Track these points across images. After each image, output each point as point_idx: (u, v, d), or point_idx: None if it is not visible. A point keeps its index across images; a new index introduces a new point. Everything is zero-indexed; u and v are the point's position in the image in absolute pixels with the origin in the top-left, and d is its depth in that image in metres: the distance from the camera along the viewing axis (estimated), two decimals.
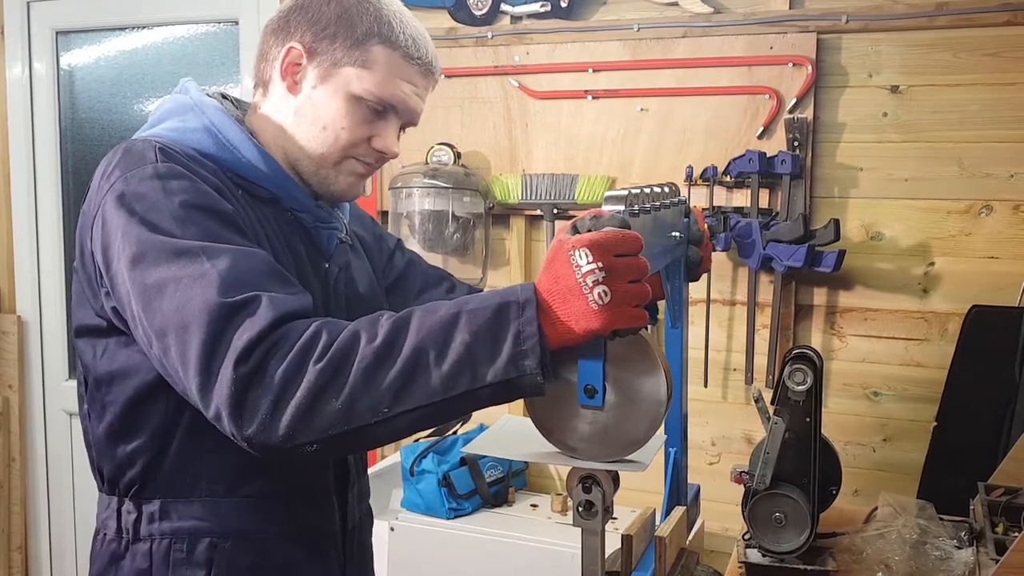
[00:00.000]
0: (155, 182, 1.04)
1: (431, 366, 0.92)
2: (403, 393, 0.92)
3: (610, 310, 0.90)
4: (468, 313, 0.93)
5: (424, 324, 0.94)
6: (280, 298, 0.97)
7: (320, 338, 0.94)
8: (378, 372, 0.92)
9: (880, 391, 2.36)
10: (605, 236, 0.92)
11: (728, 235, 2.34)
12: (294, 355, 0.92)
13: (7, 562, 3.30)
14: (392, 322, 0.95)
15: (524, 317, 0.92)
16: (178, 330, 0.96)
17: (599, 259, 0.91)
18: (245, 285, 0.97)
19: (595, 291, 0.90)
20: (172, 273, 0.98)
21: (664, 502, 1.52)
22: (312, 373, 0.92)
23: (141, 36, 3.11)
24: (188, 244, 0.99)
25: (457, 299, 0.97)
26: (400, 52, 1.18)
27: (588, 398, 0.96)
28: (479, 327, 0.92)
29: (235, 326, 0.94)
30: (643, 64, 2.45)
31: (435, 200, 2.54)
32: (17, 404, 3.29)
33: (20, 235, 3.25)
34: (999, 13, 2.16)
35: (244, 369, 0.92)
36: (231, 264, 0.98)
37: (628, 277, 0.92)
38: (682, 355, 1.45)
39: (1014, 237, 2.22)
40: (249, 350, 0.92)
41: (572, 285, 0.91)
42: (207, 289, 0.96)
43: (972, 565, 1.48)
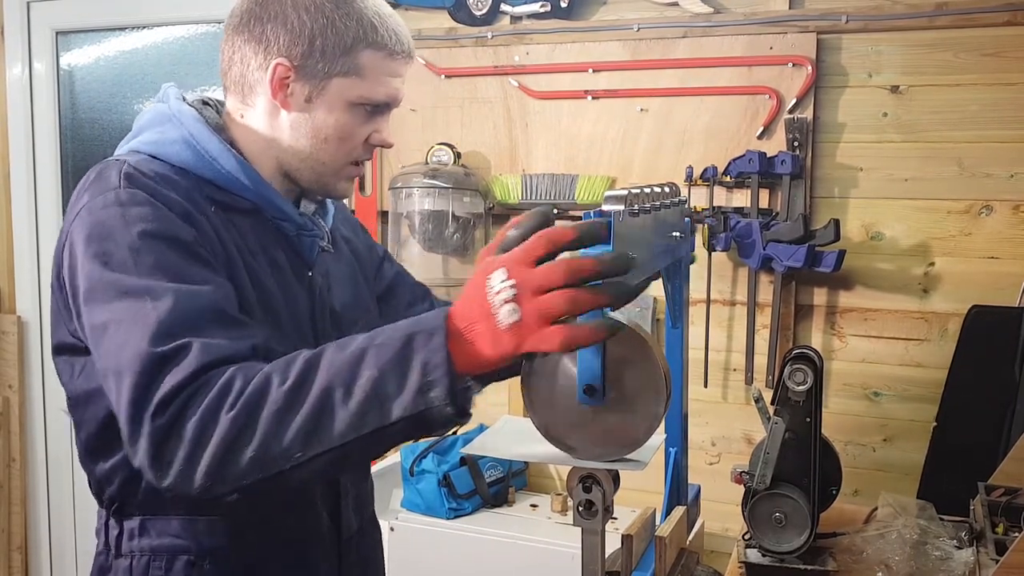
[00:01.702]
0: (115, 209, 1.03)
1: (338, 406, 0.89)
2: (313, 436, 0.90)
3: (518, 331, 0.85)
4: (376, 347, 0.90)
5: (334, 361, 0.91)
6: (212, 344, 0.95)
7: (234, 385, 0.92)
8: (288, 416, 0.90)
9: (880, 391, 2.36)
10: (525, 248, 0.86)
11: (728, 235, 2.34)
12: (208, 405, 0.91)
13: (7, 562, 3.30)
14: (305, 360, 0.92)
15: (431, 346, 0.88)
16: (115, 375, 0.97)
17: (514, 275, 0.85)
18: (181, 331, 0.96)
19: (501, 311, 0.85)
20: (115, 314, 0.98)
21: (664, 502, 1.51)
22: (225, 422, 0.90)
23: (141, 36, 3.11)
24: (134, 284, 0.99)
25: (371, 331, 0.94)
26: (385, 52, 1.18)
27: (588, 397, 0.96)
28: (386, 361, 0.89)
29: (162, 377, 0.93)
30: (643, 64, 2.45)
31: (435, 200, 2.54)
32: (17, 404, 3.28)
33: (20, 235, 3.25)
34: (999, 13, 2.16)
35: (161, 421, 0.92)
36: (172, 307, 0.97)
37: (544, 286, 0.84)
38: (682, 355, 1.45)
39: (1014, 237, 2.22)
40: (166, 402, 0.92)
41: (483, 306, 0.87)
42: (141, 336, 0.95)
43: (972, 565, 1.48)
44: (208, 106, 1.26)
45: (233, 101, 1.23)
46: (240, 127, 1.22)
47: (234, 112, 1.23)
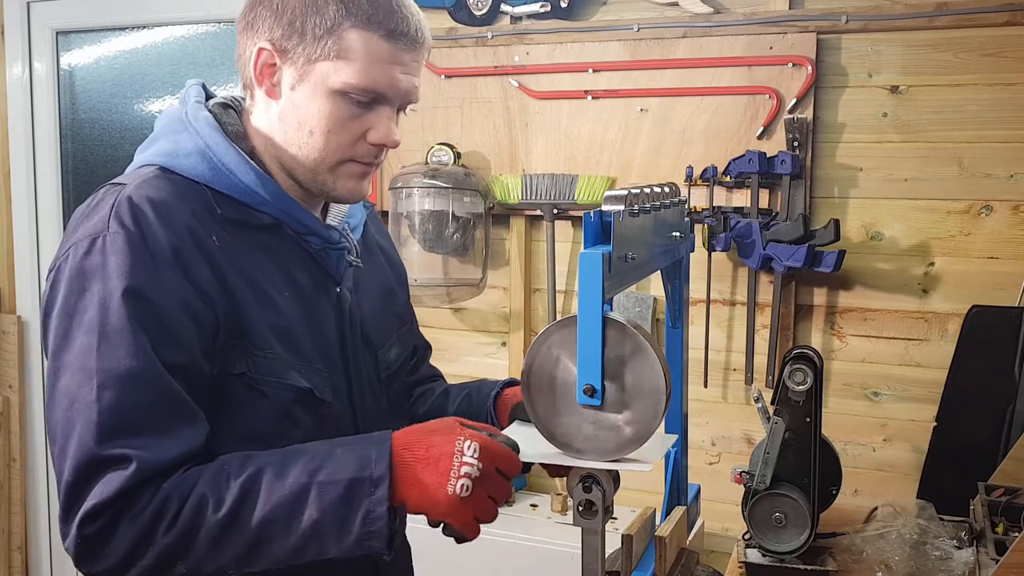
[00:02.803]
0: (97, 258, 0.99)
1: (276, 538, 0.95)
2: (249, 560, 0.96)
3: (460, 505, 0.95)
4: (318, 486, 0.94)
5: (272, 494, 0.95)
6: (150, 459, 0.95)
7: (170, 507, 0.94)
8: (225, 542, 0.94)
9: (880, 391, 2.36)
10: (499, 449, 0.97)
11: (728, 235, 2.34)
12: (142, 526, 0.93)
13: (7, 562, 3.30)
14: (240, 487, 0.95)
15: (375, 496, 0.94)
16: (59, 452, 0.97)
17: (483, 461, 0.95)
18: (123, 431, 0.95)
19: (460, 482, 0.94)
20: (70, 388, 0.97)
21: (664, 502, 1.51)
22: (160, 546, 0.93)
23: (141, 36, 3.11)
24: (90, 362, 0.96)
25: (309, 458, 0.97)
26: (378, 32, 1.05)
27: (587, 397, 0.96)
28: (328, 504, 0.94)
29: (95, 480, 0.94)
30: (643, 64, 2.45)
31: (435, 200, 2.54)
32: (17, 404, 3.29)
33: (20, 235, 3.25)
34: (999, 13, 2.16)
35: (89, 531, 0.94)
36: (117, 402, 0.95)
37: (491, 492, 0.97)
38: (682, 355, 1.45)
39: (1014, 237, 2.22)
40: (96, 513, 0.93)
41: (443, 463, 0.94)
42: (87, 428, 0.95)
43: (972, 565, 1.48)
44: (230, 109, 1.16)
45: (248, 100, 1.15)
46: (252, 128, 1.14)
47: (247, 112, 1.15)
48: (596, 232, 1.00)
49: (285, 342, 1.09)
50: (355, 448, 0.98)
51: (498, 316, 2.72)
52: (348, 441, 1.00)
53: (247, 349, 1.05)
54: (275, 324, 1.08)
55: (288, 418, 1.09)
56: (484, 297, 2.69)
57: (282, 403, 1.08)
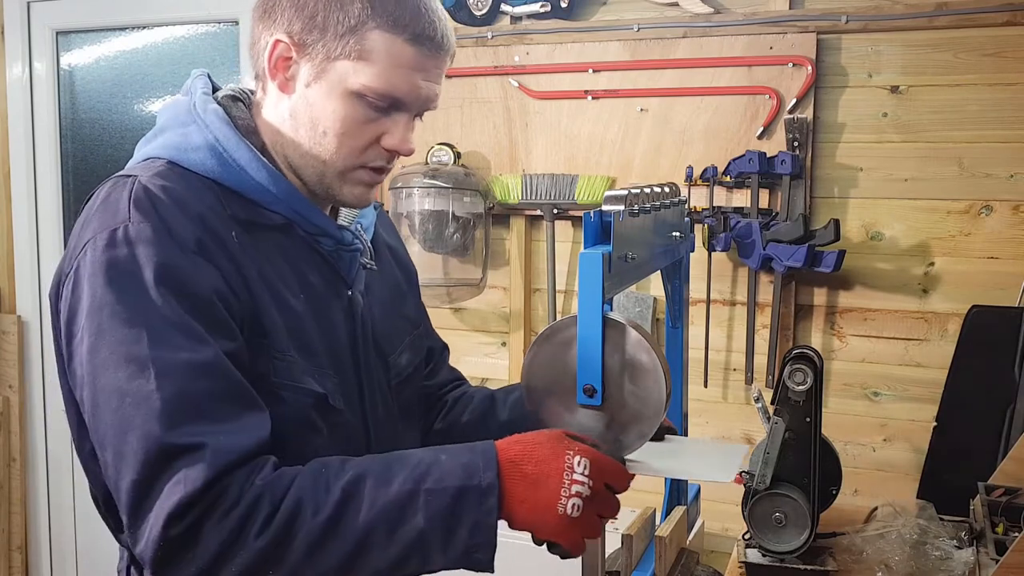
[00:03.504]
0: (124, 250, 0.93)
1: (380, 546, 0.89)
2: (347, 570, 0.89)
3: (570, 525, 0.91)
4: (425, 493, 0.90)
5: (377, 499, 0.89)
6: (225, 444, 0.89)
7: (262, 507, 0.88)
8: (324, 548, 0.88)
9: (880, 391, 2.36)
10: (610, 463, 0.93)
11: (728, 235, 2.34)
12: (233, 525, 0.87)
13: (7, 562, 3.30)
14: (342, 490, 0.89)
15: (484, 507, 0.90)
16: (115, 455, 0.89)
17: (594, 477, 0.91)
18: (191, 418, 0.89)
19: (571, 501, 0.90)
20: (119, 383, 0.90)
21: (664, 502, 1.52)
22: (252, 549, 0.87)
23: (141, 36, 3.11)
24: (140, 352, 0.90)
25: (414, 464, 0.92)
26: (402, 35, 1.01)
27: (587, 397, 0.96)
28: (435, 512, 0.89)
29: (170, 473, 0.87)
30: (643, 64, 2.45)
31: (435, 200, 2.54)
32: (17, 404, 3.28)
33: (20, 235, 3.25)
34: (999, 13, 2.16)
35: (176, 531, 0.86)
36: (179, 388, 0.89)
37: (601, 510, 0.93)
38: (682, 355, 1.45)
39: (1014, 237, 2.22)
40: (181, 512, 0.86)
41: (553, 481, 0.90)
42: (148, 419, 0.88)
43: (972, 565, 1.48)
44: (239, 101, 1.12)
45: (258, 92, 1.11)
46: (261, 121, 1.10)
47: (257, 104, 1.11)
48: (596, 232, 1.00)
49: (300, 346, 1.05)
50: (461, 455, 0.93)
51: (498, 316, 2.72)
52: (451, 449, 0.95)
53: (266, 350, 1.01)
54: (291, 327, 1.04)
55: (307, 423, 1.05)
56: (484, 297, 2.69)
57: (301, 408, 1.04)
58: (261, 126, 1.10)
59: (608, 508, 0.94)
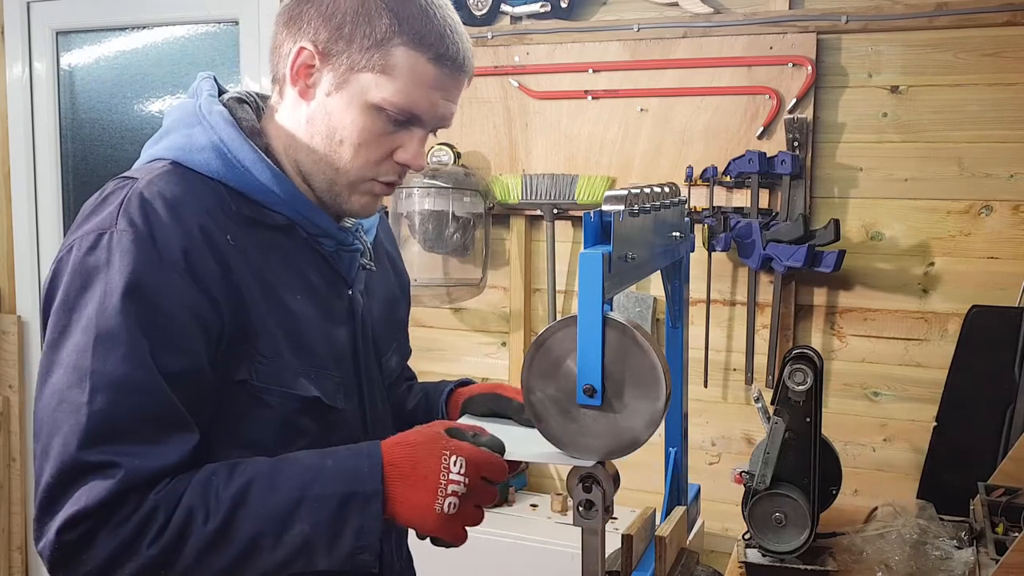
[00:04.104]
0: (102, 255, 0.95)
1: (267, 551, 0.93)
2: (237, 573, 0.94)
3: (448, 521, 0.95)
4: (311, 500, 0.93)
5: (264, 505, 0.93)
6: (137, 467, 0.91)
7: (156, 518, 0.91)
8: (213, 555, 0.92)
9: (880, 391, 2.36)
10: (485, 458, 0.96)
11: (728, 235, 2.34)
12: (127, 535, 0.90)
13: (7, 562, 3.30)
14: (231, 497, 0.93)
15: (368, 512, 0.94)
16: (42, 451, 0.94)
17: (470, 475, 0.95)
18: (112, 437, 0.91)
19: (447, 500, 0.94)
20: (60, 387, 0.93)
21: (664, 502, 1.51)
22: (143, 557, 0.91)
23: (141, 36, 3.11)
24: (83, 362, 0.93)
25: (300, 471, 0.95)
26: (426, 54, 1.04)
27: (587, 397, 0.96)
28: (320, 519, 0.93)
29: (78, 485, 0.91)
30: (643, 64, 2.45)
31: (435, 200, 2.54)
32: (17, 404, 3.29)
33: (20, 235, 3.25)
34: (999, 13, 2.16)
35: (69, 537, 0.90)
36: (108, 405, 0.92)
37: (478, 501, 0.97)
38: (682, 355, 1.45)
39: (1014, 237, 2.22)
40: (77, 519, 0.90)
41: (430, 481, 0.94)
42: (73, 430, 0.91)
43: (972, 565, 1.48)
44: (245, 104, 1.13)
45: (274, 95, 1.12)
46: (273, 125, 1.11)
47: (272, 108, 1.12)
48: (596, 232, 1.00)
49: (297, 346, 1.06)
50: (346, 461, 0.96)
51: (498, 316, 2.72)
52: (337, 453, 0.98)
53: (250, 355, 1.02)
54: (287, 328, 1.05)
55: (291, 427, 1.06)
56: (484, 297, 2.69)
57: (285, 413, 1.05)
58: (272, 129, 1.11)
59: (486, 498, 0.98)
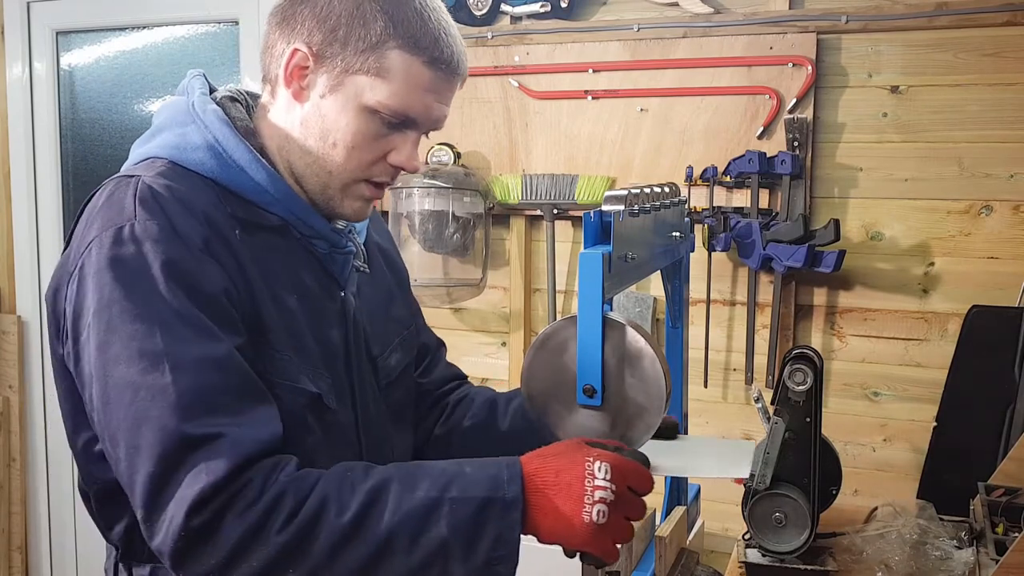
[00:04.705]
0: (131, 247, 0.94)
1: (402, 552, 0.89)
2: (369, 574, 0.89)
3: (597, 532, 0.90)
4: (450, 502, 0.90)
5: (401, 504, 0.89)
6: (244, 435, 0.89)
7: (285, 502, 0.88)
8: (345, 551, 0.88)
9: (880, 391, 2.36)
10: (631, 466, 0.92)
11: (728, 235, 2.34)
12: (255, 519, 0.86)
13: (7, 562, 3.30)
14: (367, 493, 0.90)
15: (507, 521, 0.90)
16: (128, 448, 0.89)
17: (616, 482, 0.90)
18: (208, 410, 0.89)
19: (596, 508, 0.89)
20: (132, 377, 0.90)
21: (664, 502, 1.52)
22: (273, 545, 0.86)
23: (141, 36, 3.11)
24: (153, 346, 0.90)
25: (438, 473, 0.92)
26: (421, 57, 1.04)
27: (587, 398, 0.96)
28: (459, 522, 0.89)
29: (189, 465, 0.87)
30: (643, 64, 2.45)
31: (435, 200, 2.54)
32: (17, 404, 3.28)
33: (20, 235, 3.25)
34: (999, 13, 2.16)
35: (197, 521, 0.86)
36: (194, 381, 0.90)
37: (628, 513, 0.92)
38: (682, 355, 1.45)
39: (1014, 237, 2.22)
40: (204, 501, 0.86)
41: (575, 488, 0.90)
42: (164, 411, 0.88)
43: (972, 565, 1.48)
44: (237, 102, 1.12)
45: (265, 95, 1.12)
46: (266, 124, 1.10)
47: (263, 107, 1.12)
48: (596, 232, 1.00)
49: (295, 346, 1.06)
50: (486, 467, 0.93)
51: (498, 316, 2.72)
52: (475, 461, 0.95)
53: (267, 348, 1.02)
54: (287, 326, 1.05)
55: (301, 424, 1.05)
56: (484, 297, 2.69)
57: (296, 408, 1.04)
58: (265, 129, 1.11)
59: (634, 511, 0.93)
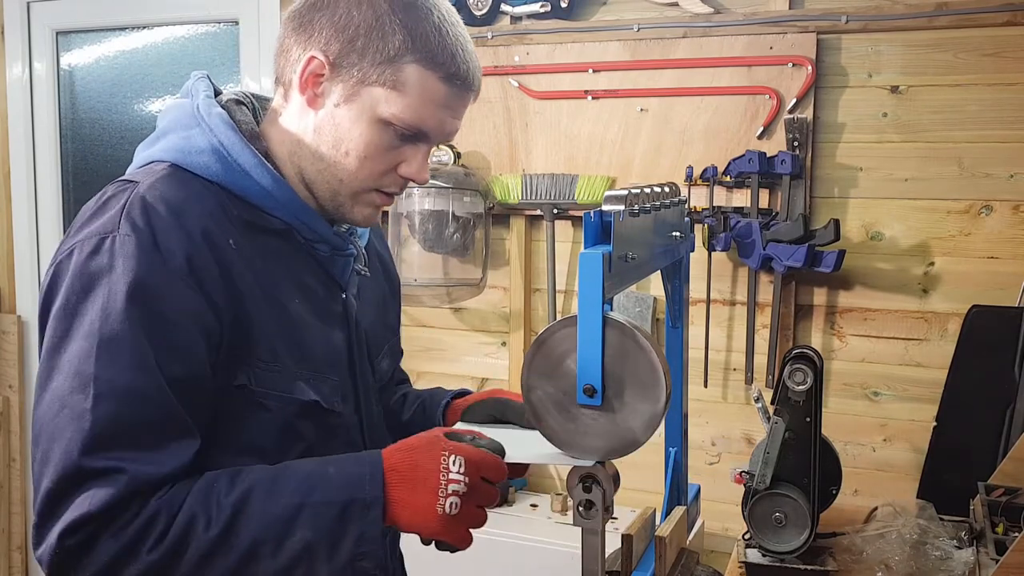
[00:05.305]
0: (104, 259, 0.95)
1: (266, 558, 0.92)
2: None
3: (450, 522, 0.94)
4: (311, 507, 0.93)
5: (266, 512, 0.93)
6: (142, 472, 0.91)
7: (157, 523, 0.91)
8: (214, 561, 0.92)
9: (880, 391, 2.36)
10: (484, 457, 0.96)
11: (728, 235, 2.34)
12: (128, 539, 0.90)
13: (7, 562, 3.30)
14: (232, 505, 0.92)
15: (369, 518, 0.93)
16: (42, 456, 0.93)
17: (469, 475, 0.94)
18: (114, 443, 0.91)
19: (449, 500, 0.94)
20: (62, 392, 0.92)
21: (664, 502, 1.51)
22: (144, 562, 0.90)
23: (141, 36, 3.11)
24: (86, 368, 0.92)
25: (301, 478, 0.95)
26: (437, 73, 1.05)
27: (587, 397, 0.96)
28: (321, 525, 0.93)
29: (80, 491, 0.90)
30: (643, 64, 2.45)
31: (435, 200, 2.54)
32: (17, 404, 3.29)
33: (20, 235, 3.26)
34: (999, 13, 2.16)
35: (70, 542, 0.90)
36: (113, 411, 0.91)
37: (480, 502, 0.96)
38: (682, 355, 1.45)
39: (1014, 237, 2.22)
40: (80, 524, 0.89)
41: (430, 482, 0.93)
42: (74, 437, 0.90)
43: (972, 565, 1.48)
44: (242, 105, 1.12)
45: (277, 98, 1.12)
46: (276, 129, 1.10)
47: (275, 111, 1.12)
48: (596, 232, 1.00)
49: (295, 351, 1.06)
50: (347, 468, 0.96)
51: (498, 316, 2.72)
52: (339, 460, 0.98)
53: (249, 360, 1.02)
54: (287, 332, 1.05)
55: (291, 432, 1.06)
56: (484, 297, 2.69)
57: (285, 417, 1.05)
58: (275, 133, 1.10)
59: (487, 499, 0.97)
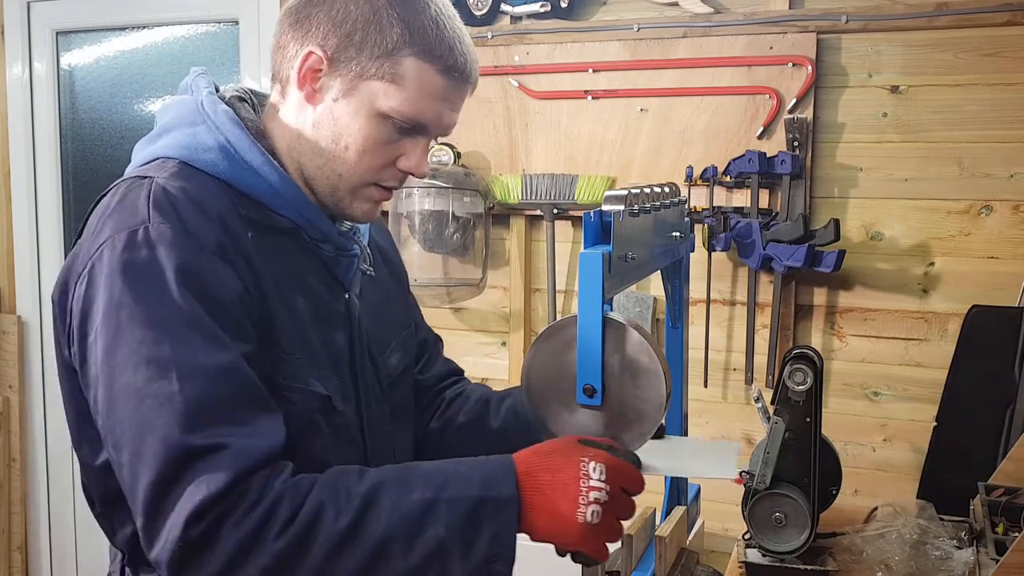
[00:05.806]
0: (144, 252, 0.93)
1: (397, 556, 0.89)
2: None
3: (591, 532, 0.91)
4: (445, 503, 0.90)
5: (397, 506, 0.89)
6: (247, 446, 0.89)
7: (282, 509, 0.87)
8: (343, 554, 0.88)
9: (880, 391, 2.36)
10: (624, 466, 0.93)
11: (728, 235, 2.34)
12: (252, 526, 0.86)
13: (7, 562, 3.30)
14: (362, 496, 0.89)
15: (503, 519, 0.90)
16: (132, 455, 0.89)
17: (610, 482, 0.91)
18: (212, 420, 0.89)
19: (590, 508, 0.90)
20: (138, 384, 0.89)
21: (664, 502, 1.52)
22: (272, 550, 0.86)
23: (141, 36, 3.11)
24: (161, 354, 0.90)
25: (433, 473, 0.92)
26: (435, 65, 1.05)
27: (587, 397, 0.96)
28: (454, 521, 0.89)
29: (191, 476, 0.87)
30: (643, 64, 2.45)
31: (435, 200, 2.54)
32: (17, 404, 3.28)
33: (20, 235, 3.25)
34: (999, 13, 2.16)
35: (195, 532, 0.86)
36: (201, 390, 0.89)
37: (620, 514, 0.93)
38: (682, 355, 1.45)
39: (1014, 237, 2.22)
40: (203, 512, 0.86)
41: (570, 489, 0.90)
42: (169, 420, 0.87)
43: (972, 565, 1.48)
44: (245, 102, 1.12)
45: (275, 94, 1.11)
46: (276, 123, 1.10)
47: (273, 107, 1.11)
48: (596, 232, 1.00)
49: (304, 349, 1.06)
50: (480, 465, 0.93)
51: (498, 316, 2.72)
52: (470, 460, 0.96)
53: (277, 352, 1.02)
54: (296, 329, 1.05)
55: (311, 426, 1.06)
56: (484, 297, 2.69)
57: (306, 410, 1.05)
58: (275, 129, 1.10)
59: (626, 511, 0.94)
